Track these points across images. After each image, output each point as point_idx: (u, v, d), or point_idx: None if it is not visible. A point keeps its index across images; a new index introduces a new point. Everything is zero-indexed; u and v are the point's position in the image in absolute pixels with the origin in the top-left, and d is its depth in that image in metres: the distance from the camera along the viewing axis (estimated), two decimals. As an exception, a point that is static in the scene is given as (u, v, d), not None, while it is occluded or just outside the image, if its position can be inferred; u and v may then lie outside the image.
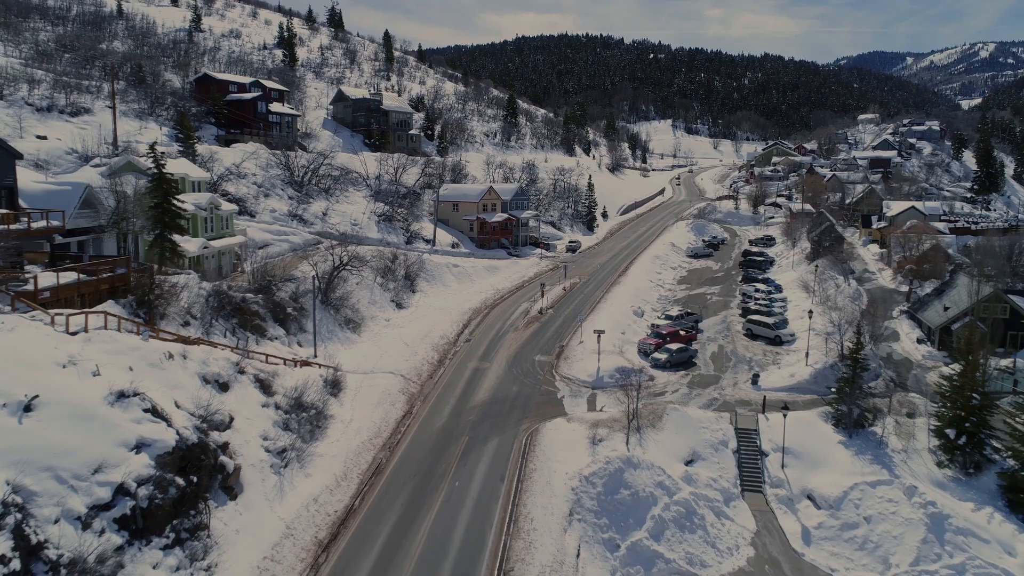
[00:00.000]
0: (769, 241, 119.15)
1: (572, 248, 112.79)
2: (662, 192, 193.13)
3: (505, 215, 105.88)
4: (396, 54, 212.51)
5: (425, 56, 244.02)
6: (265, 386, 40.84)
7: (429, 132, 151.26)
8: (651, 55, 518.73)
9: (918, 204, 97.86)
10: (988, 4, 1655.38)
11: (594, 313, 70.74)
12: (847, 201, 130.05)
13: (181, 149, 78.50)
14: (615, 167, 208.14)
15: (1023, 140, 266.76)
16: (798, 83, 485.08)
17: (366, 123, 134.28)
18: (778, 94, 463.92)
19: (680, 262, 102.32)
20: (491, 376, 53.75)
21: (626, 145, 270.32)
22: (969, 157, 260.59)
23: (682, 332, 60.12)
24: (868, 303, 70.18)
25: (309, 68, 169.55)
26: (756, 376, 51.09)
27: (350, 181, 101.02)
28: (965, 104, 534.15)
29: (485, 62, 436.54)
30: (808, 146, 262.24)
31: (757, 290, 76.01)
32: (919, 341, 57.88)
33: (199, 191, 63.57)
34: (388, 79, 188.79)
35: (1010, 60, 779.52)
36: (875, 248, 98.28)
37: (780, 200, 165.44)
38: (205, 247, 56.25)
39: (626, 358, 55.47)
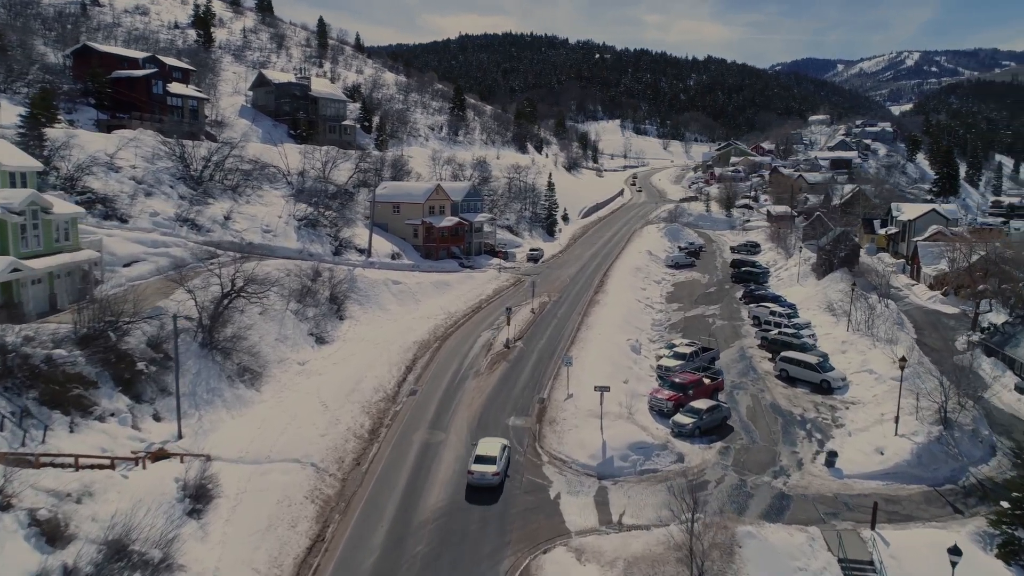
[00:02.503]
0: (754, 248, 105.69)
1: (534, 257, 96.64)
2: (621, 193, 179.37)
3: (456, 219, 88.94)
4: (331, 42, 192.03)
5: (364, 48, 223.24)
6: (51, 530, 22.94)
7: (366, 124, 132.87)
8: (597, 55, 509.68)
9: (938, 207, 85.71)
10: (910, 15, 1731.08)
11: (577, 346, 54.51)
12: (834, 203, 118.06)
13: (23, 132, 58.80)
14: (571, 166, 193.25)
15: (971, 145, 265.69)
16: (742, 85, 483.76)
17: (291, 111, 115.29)
18: (724, 96, 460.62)
19: (662, 274, 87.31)
20: (448, 457, 36.79)
21: (576, 145, 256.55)
22: (922, 159, 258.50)
23: (706, 380, 44.47)
24: (913, 331, 56.26)
25: (228, 50, 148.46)
26: (832, 456, 35.68)
27: (266, 177, 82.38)
28: (896, 110, 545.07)
29: (428, 59, 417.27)
30: (765, 146, 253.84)
31: (773, 313, 61.33)
32: (1019, 390, 43.91)
33: (24, 185, 44.49)
34: (321, 66, 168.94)
35: (934, 68, 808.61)
36: (888, 258, 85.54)
37: (751, 202, 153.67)
38: (15, 269, 37.50)
39: (639, 424, 39.34)
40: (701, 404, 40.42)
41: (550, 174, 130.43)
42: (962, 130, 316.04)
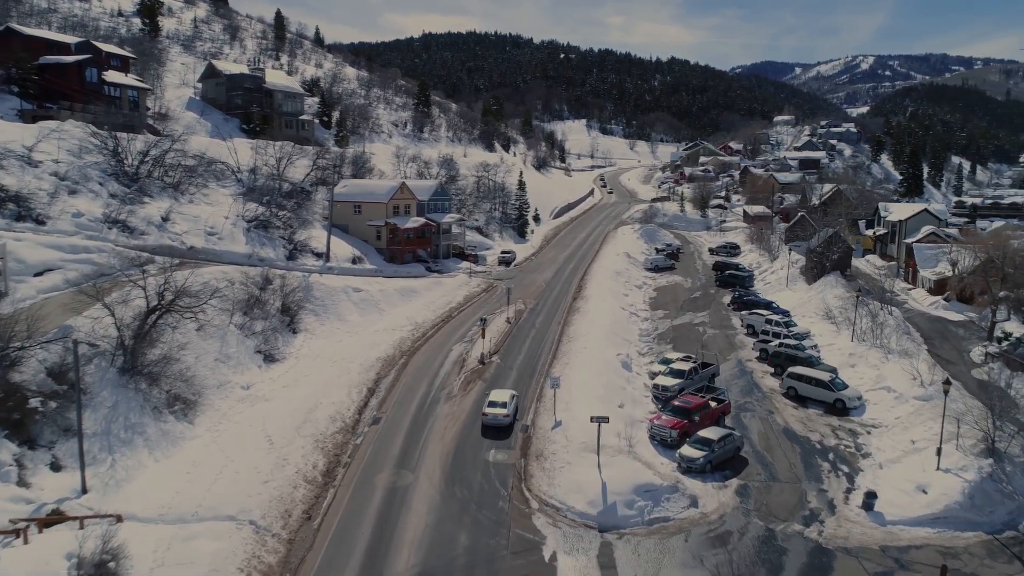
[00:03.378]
0: (733, 249, 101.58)
1: (506, 260, 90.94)
2: (591, 193, 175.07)
3: (422, 219, 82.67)
4: (289, 36, 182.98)
5: (324, 43, 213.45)
6: None
7: (325, 119, 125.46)
8: (562, 55, 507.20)
9: (930, 206, 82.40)
10: (862, 21, 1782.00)
11: (560, 362, 48.89)
12: (812, 203, 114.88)
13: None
14: (540, 165, 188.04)
15: (930, 146, 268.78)
16: (705, 86, 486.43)
17: (244, 105, 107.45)
18: (688, 96, 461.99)
19: (643, 278, 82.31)
20: (419, 507, 30.72)
21: (544, 144, 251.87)
22: (885, 159, 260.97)
23: (712, 403, 39.19)
24: (922, 341, 51.94)
25: (177, 40, 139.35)
26: (871, 497, 30.55)
27: (213, 174, 75.13)
28: (852, 111, 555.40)
29: (391, 57, 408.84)
30: (733, 145, 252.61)
31: (769, 321, 56.55)
32: (1058, 410, 39.63)
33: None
34: (277, 59, 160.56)
35: (887, 72, 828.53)
36: (877, 260, 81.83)
37: (723, 202, 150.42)
38: None
39: (642, 460, 33.75)
40: (711, 433, 35.03)
41: (521, 173, 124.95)
42: (920, 132, 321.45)
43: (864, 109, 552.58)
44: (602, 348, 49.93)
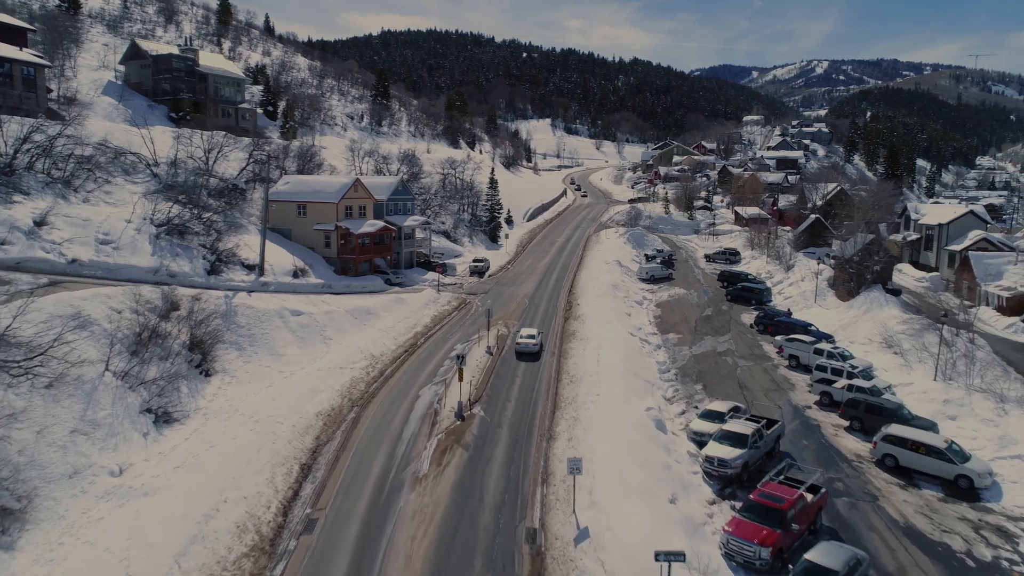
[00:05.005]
0: (733, 256, 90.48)
1: (479, 270, 78.18)
2: (564, 194, 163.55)
3: (380, 223, 69.32)
4: (236, 23, 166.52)
5: (275, 33, 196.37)
6: None
7: (271, 108, 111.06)
8: (524, 54, 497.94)
9: (975, 208, 72.31)
10: (814, 27, 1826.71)
11: (566, 417, 36.27)
12: (812, 203, 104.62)
13: None
14: (510, 163, 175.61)
15: (899, 147, 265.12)
16: (669, 87, 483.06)
17: (173, 90, 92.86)
18: (652, 97, 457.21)
19: (642, 292, 70.32)
20: None
21: (509, 143, 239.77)
22: (858, 160, 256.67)
23: (807, 494, 26.91)
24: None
25: (101, 20, 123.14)
26: None
27: (121, 167, 61.00)
28: (810, 115, 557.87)
29: (349, 54, 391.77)
30: (707, 145, 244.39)
31: (819, 352, 44.83)
32: None
33: None
34: (219, 45, 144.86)
35: (841, 76, 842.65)
36: (911, 270, 71.32)
37: (705, 203, 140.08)
38: None
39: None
40: (831, 559, 22.45)
41: (492, 170, 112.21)
42: (886, 133, 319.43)
43: (821, 112, 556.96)
44: (623, 397, 37.41)
